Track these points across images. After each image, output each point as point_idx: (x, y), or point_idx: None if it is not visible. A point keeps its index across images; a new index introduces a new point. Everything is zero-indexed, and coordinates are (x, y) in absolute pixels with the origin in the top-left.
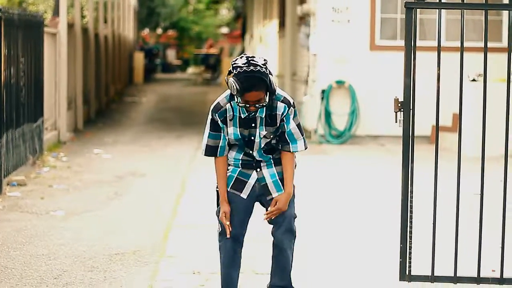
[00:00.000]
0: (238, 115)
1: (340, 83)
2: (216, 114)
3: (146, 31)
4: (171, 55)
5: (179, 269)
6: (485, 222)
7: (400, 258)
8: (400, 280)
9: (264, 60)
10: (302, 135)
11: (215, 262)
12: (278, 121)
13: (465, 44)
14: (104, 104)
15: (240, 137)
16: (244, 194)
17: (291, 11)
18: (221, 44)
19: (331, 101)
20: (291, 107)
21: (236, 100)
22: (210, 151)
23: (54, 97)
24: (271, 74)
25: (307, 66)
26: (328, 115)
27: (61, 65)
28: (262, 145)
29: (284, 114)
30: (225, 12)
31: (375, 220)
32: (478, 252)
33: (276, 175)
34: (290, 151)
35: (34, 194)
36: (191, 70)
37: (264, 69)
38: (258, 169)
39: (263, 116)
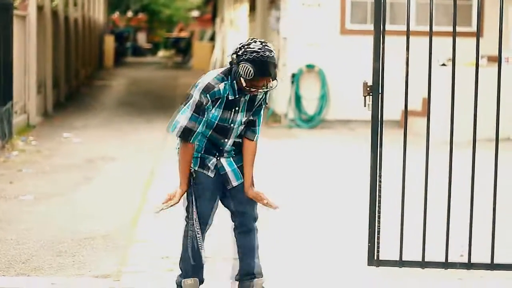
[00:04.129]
0: (226, 96)
1: (310, 67)
2: (208, 95)
3: (116, 14)
4: (142, 38)
5: (148, 253)
6: (453, 207)
7: (368, 243)
8: (368, 265)
9: (272, 46)
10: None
11: None
12: (256, 105)
13: (435, 29)
14: (74, 87)
15: (217, 121)
16: (211, 173)
17: None
18: (192, 28)
19: (301, 85)
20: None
21: (240, 83)
22: (186, 134)
23: (24, 80)
24: None
25: (277, 50)
26: (298, 99)
27: (30, 48)
28: (238, 133)
29: (262, 98)
30: None
31: (344, 204)
32: (446, 237)
33: (234, 164)
34: (253, 140)
35: (3, 179)
36: (161, 53)
37: (274, 55)
38: (217, 158)
39: (247, 100)
